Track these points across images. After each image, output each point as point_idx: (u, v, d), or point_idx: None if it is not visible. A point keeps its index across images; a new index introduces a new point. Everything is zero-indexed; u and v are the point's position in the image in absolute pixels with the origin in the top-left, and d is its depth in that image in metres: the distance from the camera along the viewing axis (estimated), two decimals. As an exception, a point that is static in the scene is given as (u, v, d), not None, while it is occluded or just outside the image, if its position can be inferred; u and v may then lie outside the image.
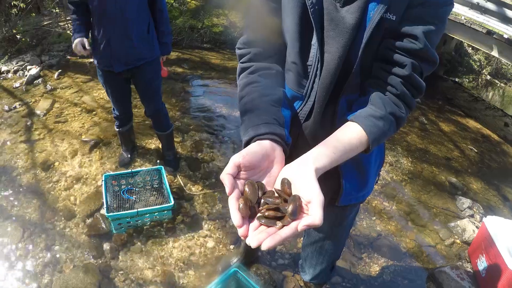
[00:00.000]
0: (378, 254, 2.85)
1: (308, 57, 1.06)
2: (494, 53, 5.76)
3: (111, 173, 2.97)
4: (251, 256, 2.57)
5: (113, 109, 3.05)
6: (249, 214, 0.75)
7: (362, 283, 2.61)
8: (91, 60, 2.85)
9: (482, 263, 2.64)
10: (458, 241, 3.09)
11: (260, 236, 0.71)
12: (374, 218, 3.20)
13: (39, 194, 3.02)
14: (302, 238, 1.99)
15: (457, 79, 7.36)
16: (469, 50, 8.30)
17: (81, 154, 3.48)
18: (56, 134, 3.73)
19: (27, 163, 3.33)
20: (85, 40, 2.51)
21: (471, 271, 2.77)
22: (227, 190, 0.75)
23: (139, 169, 3.03)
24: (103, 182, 2.76)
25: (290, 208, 0.73)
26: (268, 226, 0.74)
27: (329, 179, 1.17)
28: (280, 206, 0.76)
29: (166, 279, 2.44)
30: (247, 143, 0.89)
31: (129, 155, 3.40)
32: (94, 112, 4.13)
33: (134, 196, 2.83)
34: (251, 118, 0.94)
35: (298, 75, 1.11)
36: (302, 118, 1.14)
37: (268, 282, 2.47)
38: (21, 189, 3.06)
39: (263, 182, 0.83)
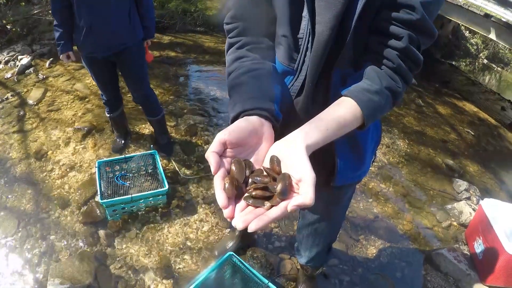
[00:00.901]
0: (375, 236, 2.83)
1: (299, 30, 1.00)
2: (492, 36, 5.71)
3: (105, 159, 2.92)
4: (247, 240, 2.55)
5: (101, 94, 3.02)
6: (236, 194, 0.71)
7: (359, 265, 2.59)
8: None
9: (479, 246, 2.62)
10: (455, 223, 3.08)
11: (247, 217, 0.67)
12: (370, 200, 3.18)
13: (33, 184, 2.99)
14: (297, 220, 1.95)
15: (454, 63, 7.32)
16: (466, 33, 8.24)
17: (74, 141, 3.44)
18: (49, 123, 3.68)
19: (20, 154, 3.29)
20: (69, 53, 2.65)
21: (468, 253, 2.76)
22: (212, 169, 0.71)
23: (132, 154, 2.99)
24: (97, 168, 2.72)
25: (279, 187, 0.68)
26: (256, 207, 0.70)
27: (323, 158, 1.13)
28: (268, 185, 0.72)
29: (162, 265, 2.42)
30: (234, 119, 0.84)
31: (122, 141, 3.36)
32: (87, 99, 4.09)
33: (128, 182, 2.79)
34: (239, 94, 0.89)
35: (289, 49, 1.05)
36: (294, 94, 1.09)
37: (265, 265, 2.45)
38: (15, 180, 3.02)
39: (251, 160, 0.79)
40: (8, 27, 5.38)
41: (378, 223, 2.95)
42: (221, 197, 0.68)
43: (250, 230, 0.65)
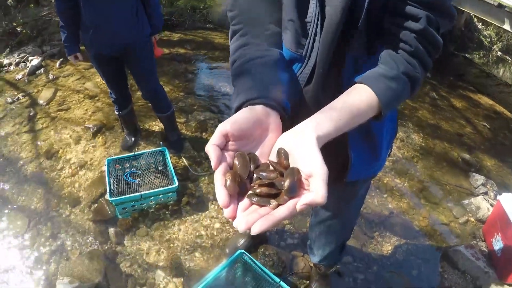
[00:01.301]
0: (390, 233, 2.75)
1: (307, 13, 0.92)
2: (506, 26, 5.55)
3: (114, 157, 2.90)
4: (258, 237, 2.50)
5: (110, 92, 3.01)
6: (238, 191, 0.64)
7: (374, 263, 2.52)
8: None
9: (497, 243, 2.52)
10: (472, 219, 2.98)
11: (250, 217, 0.59)
12: (385, 195, 3.10)
13: (43, 183, 2.99)
14: (310, 217, 1.89)
15: (467, 55, 7.16)
16: (479, 25, 8.08)
17: (84, 140, 3.43)
18: (59, 122, 3.68)
19: (31, 153, 3.29)
20: (77, 54, 2.69)
21: (486, 250, 2.66)
22: (212, 163, 0.64)
23: (142, 151, 2.96)
24: (106, 166, 2.70)
25: (286, 183, 0.61)
26: (261, 206, 0.63)
27: (335, 152, 1.04)
28: (275, 182, 0.65)
29: (172, 263, 2.38)
30: (238, 109, 0.76)
31: (132, 139, 3.34)
32: (96, 98, 4.08)
33: (137, 179, 2.76)
34: (242, 82, 0.81)
35: (296, 34, 0.97)
36: (303, 82, 1.00)
37: (277, 263, 2.40)
38: (25, 179, 3.03)
39: (256, 153, 0.72)
40: (18, 29, 5.41)
41: (393, 219, 2.88)
42: (221, 195, 0.61)
43: (253, 232, 0.58)
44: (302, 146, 0.65)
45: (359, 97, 0.78)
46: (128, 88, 3.06)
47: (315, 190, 0.58)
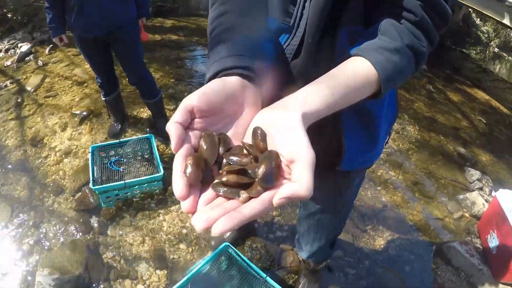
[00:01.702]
0: (383, 227, 2.68)
1: None
2: (506, 21, 5.47)
3: (99, 144, 2.80)
4: (246, 229, 2.40)
5: (96, 77, 2.92)
6: (202, 179, 0.52)
7: (366, 258, 2.44)
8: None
9: (493, 240, 2.43)
10: (467, 214, 2.91)
11: (212, 214, 0.47)
12: (379, 188, 3.02)
13: (28, 171, 2.91)
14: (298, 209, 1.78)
15: (464, 50, 7.11)
16: (477, 21, 8.02)
17: (71, 127, 3.34)
18: (46, 109, 3.59)
19: (17, 141, 3.21)
20: (62, 36, 2.60)
21: (481, 247, 2.57)
22: (173, 144, 0.53)
23: (127, 138, 2.87)
24: (90, 154, 2.60)
25: (261, 170, 0.49)
26: (228, 198, 0.51)
27: (326, 137, 0.95)
28: (248, 168, 0.53)
29: (156, 254, 2.29)
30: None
31: (119, 125, 3.25)
32: (85, 84, 3.99)
33: (122, 167, 2.66)
34: (218, 52, 0.67)
35: (284, 1, 0.83)
36: (290, 55, 0.86)
37: (265, 257, 2.31)
38: (10, 167, 2.95)
39: (228, 134, 0.60)
40: (9, 15, 5.33)
41: (386, 213, 2.80)
42: (178, 184, 0.49)
43: (214, 233, 0.45)
44: (283, 125, 0.54)
45: (354, 70, 0.67)
46: (114, 73, 2.98)
47: (298, 180, 0.47)
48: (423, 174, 3.29)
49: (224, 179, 0.51)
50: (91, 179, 2.42)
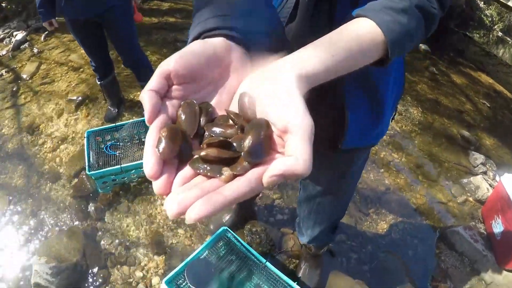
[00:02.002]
0: (386, 210, 2.62)
1: None
2: (511, 3, 5.41)
3: (94, 128, 2.74)
4: (245, 213, 2.35)
5: (91, 61, 2.86)
6: (178, 155, 0.44)
7: (368, 242, 2.39)
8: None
9: (497, 225, 2.37)
10: (470, 199, 2.85)
11: (186, 196, 0.39)
12: (382, 170, 2.95)
13: (24, 159, 2.87)
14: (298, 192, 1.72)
15: (468, 33, 7.01)
16: (481, 4, 7.92)
17: (67, 113, 3.29)
18: (42, 96, 3.53)
19: (13, 129, 3.16)
20: (52, 20, 2.57)
21: (485, 232, 2.52)
22: (146, 115, 0.46)
23: (123, 122, 2.80)
24: (86, 139, 2.54)
25: (248, 141, 0.41)
26: (209, 177, 0.43)
27: (327, 110, 0.87)
28: (233, 141, 0.45)
29: (154, 240, 2.26)
30: None
31: (116, 109, 3.19)
32: (81, 69, 3.92)
33: (118, 152, 2.60)
34: (201, 14, 0.59)
35: None
36: (285, 18, 0.80)
37: (265, 241, 2.27)
38: (6, 156, 2.91)
39: (212, 103, 0.53)
40: (3, 4, 5.24)
41: (389, 196, 2.74)
42: (148, 161, 0.42)
43: (188, 220, 0.37)
44: (275, 89, 0.46)
45: (358, 32, 0.57)
46: (109, 56, 2.91)
47: (294, 153, 0.39)
48: (427, 157, 3.22)
49: (203, 153, 0.43)
50: (86, 164, 2.36)
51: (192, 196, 0.39)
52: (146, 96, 0.46)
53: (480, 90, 4.76)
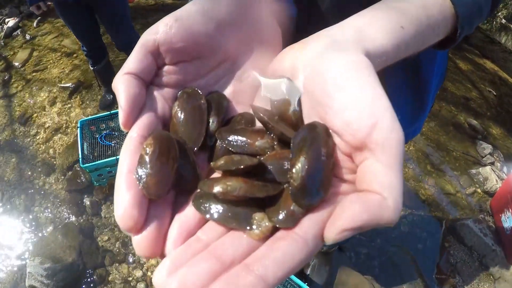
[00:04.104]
0: (394, 202, 2.52)
1: None
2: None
3: (88, 117, 2.60)
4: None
5: (82, 46, 2.70)
6: (174, 184, 0.28)
7: (377, 236, 2.31)
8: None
9: (507, 220, 2.27)
10: (479, 190, 2.75)
11: (192, 274, 0.24)
12: (389, 160, 2.85)
13: (17, 151, 2.76)
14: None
15: (472, 19, 6.92)
16: (485, -11, 7.81)
17: (60, 101, 3.15)
18: (35, 84, 3.39)
19: (5, 120, 3.04)
20: (40, 4, 2.49)
21: (494, 226, 2.42)
22: (121, 114, 0.30)
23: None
24: (79, 128, 2.38)
25: (298, 166, 0.26)
26: (228, 228, 0.27)
27: None
28: (267, 162, 0.28)
29: (154, 236, 2.15)
30: None
31: (111, 96, 3.03)
32: (74, 55, 3.76)
33: (113, 142, 2.47)
34: None
35: None
36: None
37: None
38: (-1, 149, 2.79)
39: (226, 93, 0.36)
40: (-5, -8, 5.05)
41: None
42: (122, 199, 0.27)
43: None
44: (335, 74, 0.29)
45: (425, 1, 0.41)
46: (101, 40, 2.74)
47: (380, 189, 0.25)
48: (435, 146, 3.12)
49: (218, 189, 0.26)
50: (80, 156, 2.23)
51: (202, 274, 0.24)
52: (121, 84, 0.30)
53: (485, 77, 4.66)
